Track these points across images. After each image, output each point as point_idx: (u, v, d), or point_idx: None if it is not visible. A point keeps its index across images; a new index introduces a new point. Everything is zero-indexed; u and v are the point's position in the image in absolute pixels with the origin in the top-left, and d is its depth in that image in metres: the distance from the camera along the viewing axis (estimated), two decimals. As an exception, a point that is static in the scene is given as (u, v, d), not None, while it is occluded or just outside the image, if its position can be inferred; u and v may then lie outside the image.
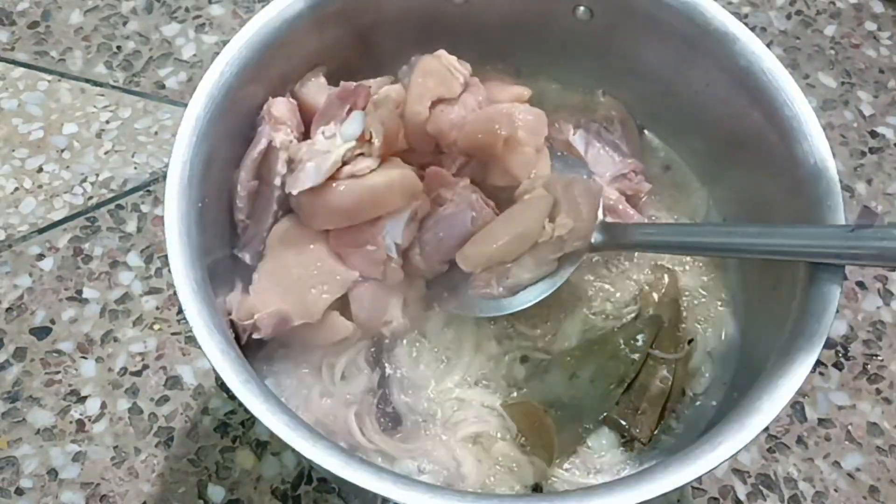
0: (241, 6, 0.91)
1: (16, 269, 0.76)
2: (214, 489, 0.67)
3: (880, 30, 0.92)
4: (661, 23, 0.59)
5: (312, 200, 0.54)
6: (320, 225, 0.56)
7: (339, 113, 0.55)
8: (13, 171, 0.81)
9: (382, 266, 0.56)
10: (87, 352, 0.72)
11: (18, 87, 0.86)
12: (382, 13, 0.61)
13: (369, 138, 0.54)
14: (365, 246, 0.55)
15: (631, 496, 0.43)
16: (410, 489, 0.43)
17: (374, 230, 0.55)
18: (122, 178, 0.81)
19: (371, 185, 0.54)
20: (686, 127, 0.64)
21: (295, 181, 0.54)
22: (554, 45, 0.65)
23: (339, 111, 0.55)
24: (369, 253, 0.55)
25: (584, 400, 0.56)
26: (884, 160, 0.83)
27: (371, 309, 0.57)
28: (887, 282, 0.77)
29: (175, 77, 0.87)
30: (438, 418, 0.57)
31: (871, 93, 0.87)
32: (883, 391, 0.72)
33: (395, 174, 0.54)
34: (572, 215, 0.55)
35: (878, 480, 0.68)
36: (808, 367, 0.46)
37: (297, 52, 0.59)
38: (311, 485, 0.67)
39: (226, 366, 0.46)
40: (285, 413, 0.45)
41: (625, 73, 0.65)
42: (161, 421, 0.69)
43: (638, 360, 0.58)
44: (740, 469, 0.68)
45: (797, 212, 0.53)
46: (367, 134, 0.54)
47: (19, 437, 0.68)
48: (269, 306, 0.54)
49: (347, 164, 0.54)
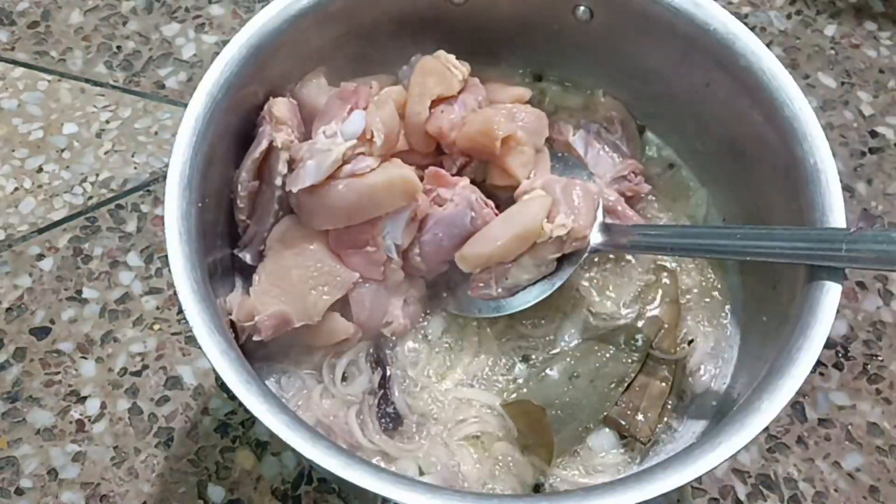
0: (241, 6, 0.91)
1: (16, 269, 0.76)
2: (214, 489, 0.67)
3: (880, 30, 0.92)
4: (661, 23, 0.59)
5: (312, 199, 0.54)
6: (320, 224, 0.56)
7: (340, 112, 0.55)
8: (13, 171, 0.81)
9: (382, 267, 0.56)
10: (87, 352, 0.72)
11: (18, 87, 0.86)
12: (382, 13, 0.61)
13: (370, 137, 0.54)
14: (365, 247, 0.55)
15: (631, 496, 0.43)
16: (410, 489, 0.43)
17: (373, 231, 0.55)
18: (122, 178, 0.81)
19: (371, 184, 0.54)
20: (686, 127, 0.64)
21: (295, 179, 0.54)
22: (554, 45, 0.65)
23: (341, 111, 0.55)
24: (369, 254, 0.55)
25: (584, 400, 0.56)
26: (884, 160, 0.83)
27: (371, 310, 0.57)
28: (887, 282, 0.77)
29: (175, 77, 0.87)
30: (439, 418, 0.57)
31: (871, 93, 0.87)
32: (883, 391, 0.72)
33: (394, 174, 0.54)
34: (571, 216, 0.55)
35: (878, 480, 0.68)
36: (808, 367, 0.46)
37: (297, 52, 0.59)
38: (311, 485, 0.67)
39: (226, 366, 0.46)
40: (285, 413, 0.45)
41: (625, 73, 0.65)
42: (161, 421, 0.69)
43: (638, 360, 0.58)
44: (740, 469, 0.68)
45: (797, 212, 0.53)
46: (369, 133, 0.54)
47: (19, 437, 0.68)
48: (269, 308, 0.54)
49: (348, 164, 0.54)
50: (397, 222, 0.55)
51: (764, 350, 0.53)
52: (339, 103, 0.56)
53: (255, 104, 0.58)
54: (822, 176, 0.52)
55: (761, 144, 0.56)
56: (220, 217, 0.57)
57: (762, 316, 0.57)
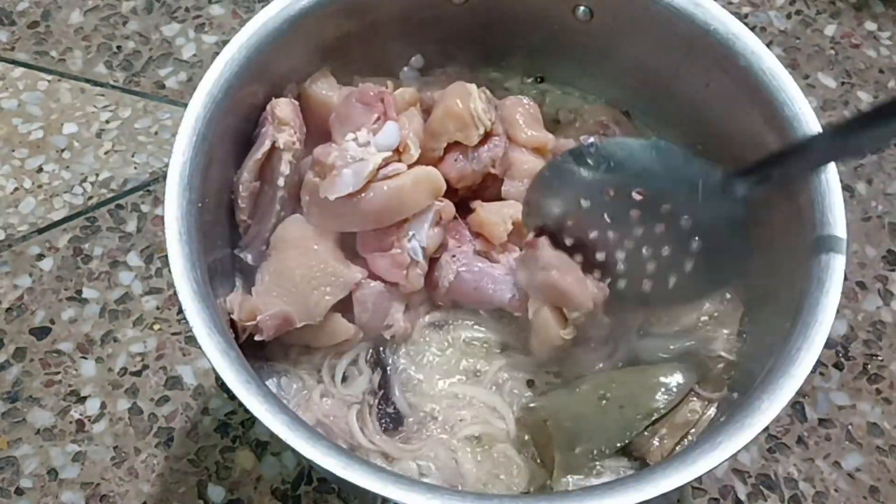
0: (241, 6, 0.91)
1: (16, 269, 0.76)
2: (214, 489, 0.67)
3: (880, 30, 0.92)
4: (661, 23, 0.59)
5: (345, 205, 0.54)
6: (346, 227, 0.56)
7: (366, 120, 0.55)
8: (13, 171, 0.81)
9: (406, 270, 0.56)
10: (87, 352, 0.72)
11: (18, 87, 0.86)
12: (382, 13, 0.61)
13: (404, 150, 0.55)
14: (391, 249, 0.55)
15: (631, 496, 0.43)
16: (410, 489, 0.43)
17: (399, 233, 0.55)
18: (122, 178, 0.81)
19: (398, 185, 0.54)
20: (686, 127, 0.64)
21: (332, 187, 0.54)
22: (553, 45, 0.65)
23: (366, 117, 0.55)
24: (394, 256, 0.55)
25: (608, 424, 0.55)
26: (884, 160, 0.83)
27: (374, 312, 0.57)
28: (887, 282, 0.77)
29: (175, 77, 0.87)
30: (439, 419, 0.57)
31: (871, 93, 0.87)
32: (883, 391, 0.72)
33: (419, 173, 0.55)
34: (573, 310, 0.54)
35: (879, 480, 0.68)
36: (808, 367, 0.46)
37: (297, 53, 0.59)
38: (311, 485, 0.67)
39: (226, 366, 0.46)
40: (285, 413, 0.45)
41: (625, 74, 0.65)
42: (161, 421, 0.69)
43: (673, 399, 0.55)
44: (740, 469, 0.68)
45: (797, 212, 0.53)
46: (403, 146, 0.55)
47: (19, 437, 0.68)
48: (271, 307, 0.54)
49: (380, 169, 0.54)
50: (421, 223, 0.56)
51: (764, 350, 0.53)
52: (362, 109, 0.56)
53: (256, 104, 0.58)
54: (822, 176, 0.52)
55: (761, 144, 0.56)
56: (220, 217, 0.57)
57: (762, 316, 0.57)
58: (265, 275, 0.56)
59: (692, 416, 0.56)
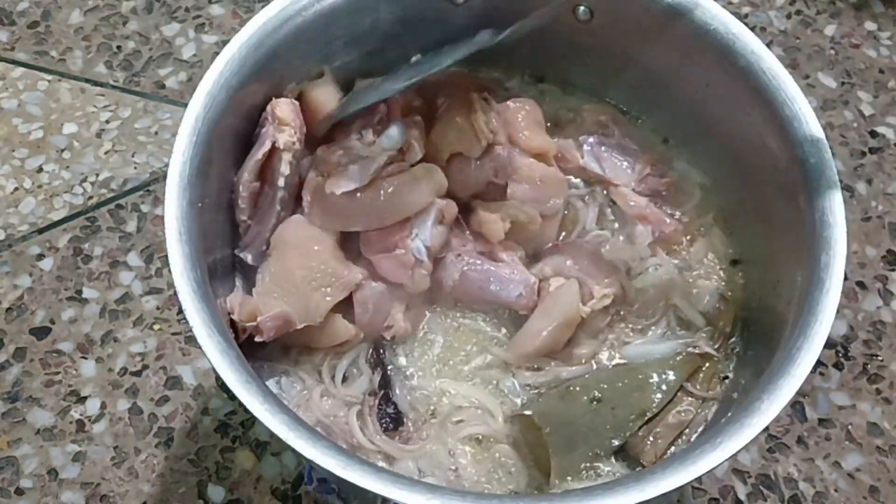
0: (241, 6, 0.91)
1: (16, 269, 0.76)
2: (214, 489, 0.67)
3: (880, 30, 0.92)
4: (661, 23, 0.59)
5: (350, 201, 0.55)
6: (350, 226, 0.56)
7: (370, 119, 0.56)
8: (13, 171, 0.81)
9: (411, 271, 0.56)
10: (87, 352, 0.72)
11: (18, 87, 0.86)
12: (382, 13, 0.61)
13: (408, 149, 0.56)
14: (395, 250, 0.55)
15: (631, 496, 0.43)
16: (410, 489, 0.43)
17: (402, 232, 0.55)
18: (122, 177, 0.81)
19: (401, 181, 0.55)
20: (686, 127, 0.64)
21: (337, 182, 0.54)
22: (553, 45, 0.65)
23: (370, 119, 0.56)
24: (398, 257, 0.55)
25: (601, 426, 0.55)
26: (884, 160, 0.83)
27: (374, 313, 0.57)
28: (887, 282, 0.77)
29: (175, 77, 0.87)
30: (439, 419, 0.57)
31: (871, 93, 0.87)
32: (883, 391, 0.72)
33: (421, 169, 0.56)
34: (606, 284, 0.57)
35: (878, 480, 0.68)
36: (808, 367, 0.46)
37: (296, 52, 0.59)
38: (312, 485, 0.67)
39: (226, 366, 0.46)
40: (285, 413, 0.45)
41: (624, 73, 0.65)
42: (161, 421, 0.69)
43: (664, 398, 0.55)
44: (740, 469, 0.68)
45: (796, 212, 0.53)
46: (407, 146, 0.56)
47: (19, 437, 0.68)
48: (272, 308, 0.54)
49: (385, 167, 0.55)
50: (424, 222, 0.56)
51: (764, 350, 0.53)
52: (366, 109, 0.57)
53: (255, 104, 0.58)
54: (822, 176, 0.52)
55: (761, 144, 0.56)
56: (220, 217, 0.57)
57: (762, 315, 0.57)
58: (265, 275, 0.56)
59: (686, 415, 0.56)
